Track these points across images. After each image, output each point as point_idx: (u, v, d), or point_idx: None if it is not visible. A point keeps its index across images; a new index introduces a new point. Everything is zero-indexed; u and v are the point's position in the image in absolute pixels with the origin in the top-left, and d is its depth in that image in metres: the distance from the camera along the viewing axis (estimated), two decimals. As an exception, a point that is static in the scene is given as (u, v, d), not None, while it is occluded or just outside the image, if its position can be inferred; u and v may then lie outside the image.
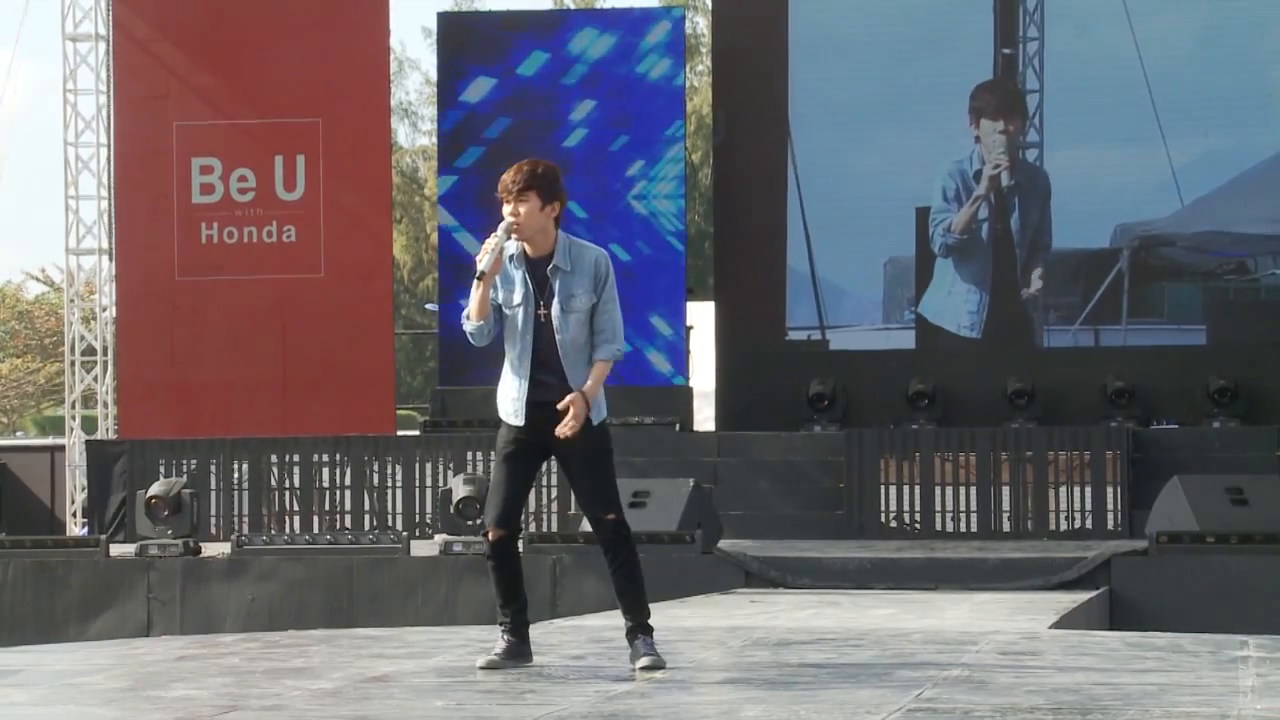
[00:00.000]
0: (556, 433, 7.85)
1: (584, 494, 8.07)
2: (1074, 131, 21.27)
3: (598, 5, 41.61)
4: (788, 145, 21.45)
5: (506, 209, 7.92)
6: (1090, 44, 21.23)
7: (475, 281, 7.90)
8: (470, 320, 7.93)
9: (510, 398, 7.98)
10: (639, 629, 8.06)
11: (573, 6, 43.52)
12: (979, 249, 21.30)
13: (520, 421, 7.95)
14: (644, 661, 7.97)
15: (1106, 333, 21.10)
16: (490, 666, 8.04)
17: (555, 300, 7.91)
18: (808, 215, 21.42)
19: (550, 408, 7.90)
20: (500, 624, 8.15)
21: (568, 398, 7.86)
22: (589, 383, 7.91)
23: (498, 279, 7.93)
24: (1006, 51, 21.39)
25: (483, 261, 7.83)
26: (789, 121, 21.46)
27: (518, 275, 7.95)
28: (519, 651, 8.11)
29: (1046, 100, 21.29)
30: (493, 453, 17.88)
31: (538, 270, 7.94)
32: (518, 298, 7.92)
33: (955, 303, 21.25)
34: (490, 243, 7.87)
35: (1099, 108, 21.10)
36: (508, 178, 7.95)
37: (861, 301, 21.58)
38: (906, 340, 21.31)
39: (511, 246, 7.96)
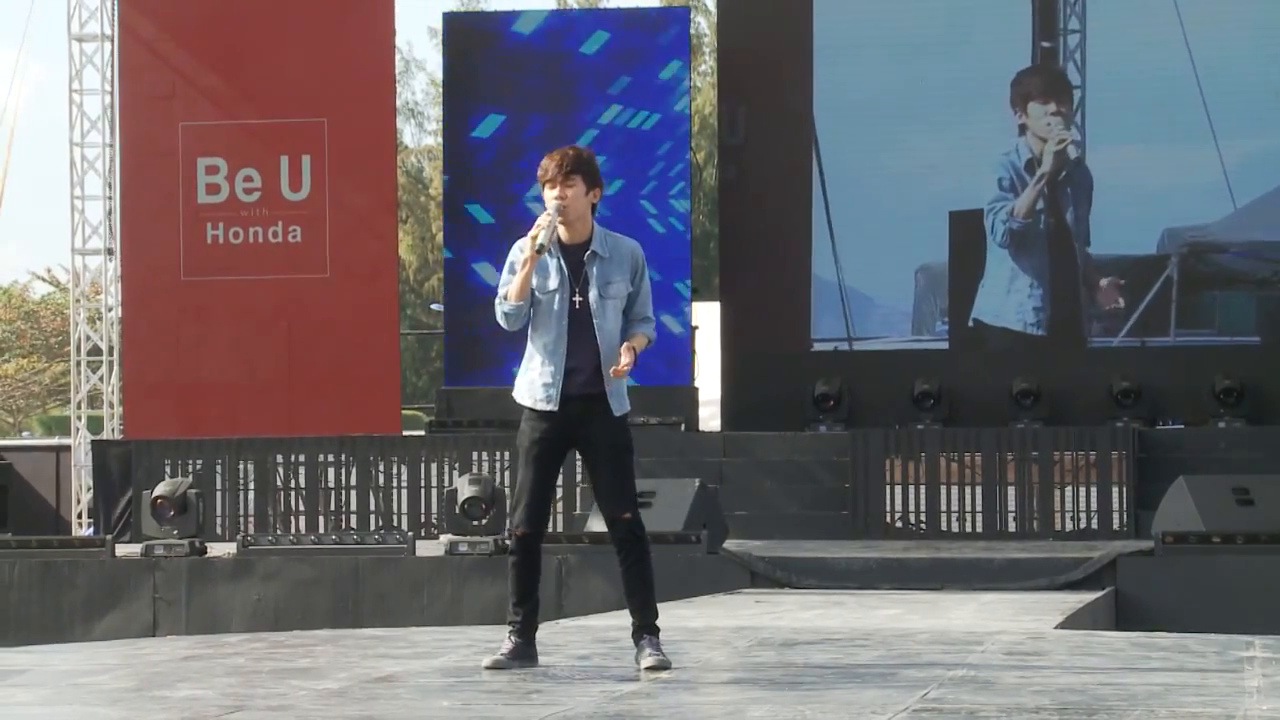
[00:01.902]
0: (610, 371, 7.83)
1: (603, 490, 8.05)
2: (1118, 129, 20.61)
3: (601, 5, 41.60)
4: (813, 146, 21.08)
5: (551, 192, 7.89)
6: (1136, 36, 20.47)
7: (517, 262, 7.87)
8: (508, 300, 7.89)
9: (542, 384, 7.93)
10: (646, 629, 8.05)
11: (575, 6, 43.51)
12: (1038, 242, 20.69)
13: (553, 407, 7.90)
14: (649, 661, 7.96)
15: (1153, 344, 20.49)
16: (496, 667, 8.04)
17: (593, 287, 7.90)
18: (832, 219, 21.03)
19: (578, 401, 7.90)
20: (509, 623, 8.14)
21: (624, 347, 7.83)
22: (636, 341, 7.90)
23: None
24: (1046, 44, 20.77)
25: (540, 235, 7.78)
26: (814, 122, 21.12)
27: (552, 262, 7.93)
28: (525, 653, 8.11)
29: (1089, 96, 20.64)
30: (507, 452, 17.64)
31: (572, 256, 7.93)
32: (553, 283, 7.90)
33: (1018, 300, 20.72)
34: (544, 220, 7.84)
35: (1145, 104, 20.40)
36: (551, 162, 7.92)
37: (890, 312, 21.09)
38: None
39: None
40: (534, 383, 7.96)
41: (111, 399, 22.50)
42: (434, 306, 42.71)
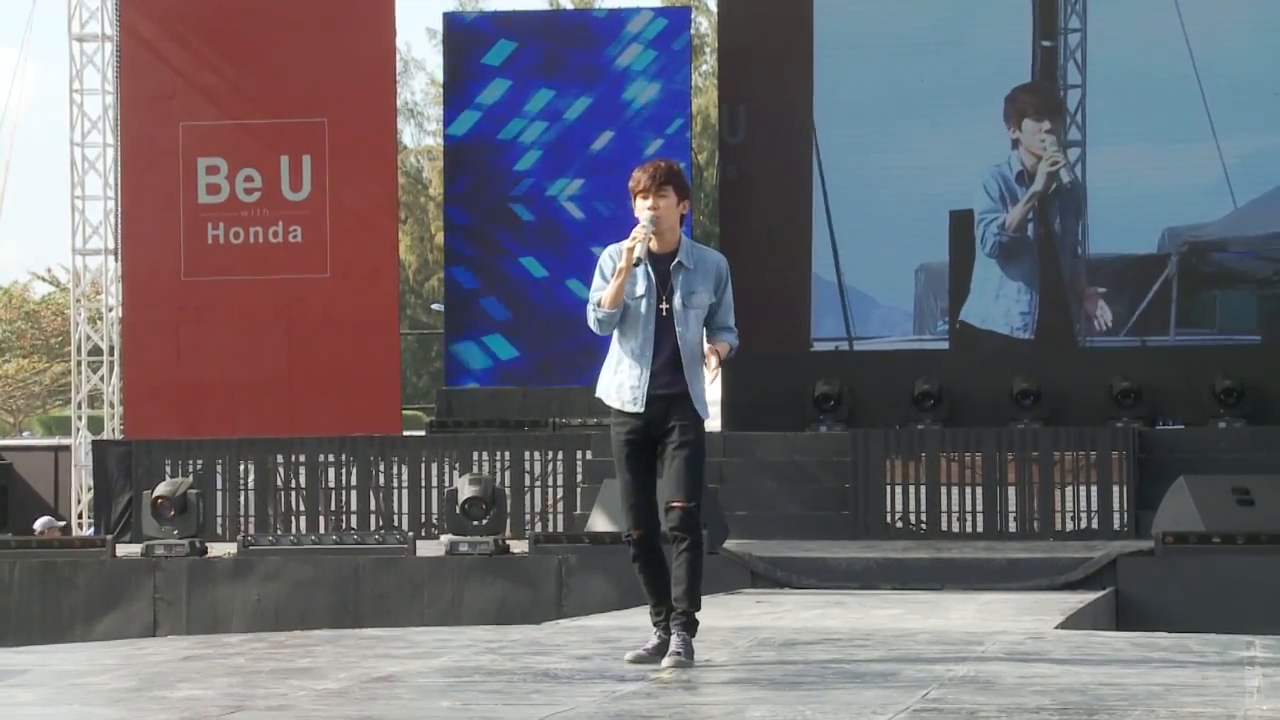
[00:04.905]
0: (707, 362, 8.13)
1: (667, 477, 8.24)
2: (1118, 129, 20.52)
3: (596, 5, 41.58)
4: (812, 145, 21.06)
5: (644, 203, 8.13)
6: (1136, 35, 20.40)
7: (608, 269, 8.09)
8: (603, 307, 8.12)
9: (629, 386, 8.18)
10: (684, 623, 8.13)
11: (570, 6, 43.50)
12: (1025, 249, 20.69)
13: (640, 408, 8.14)
14: (669, 661, 8.06)
15: (1153, 343, 20.45)
16: (639, 660, 8.19)
17: (677, 295, 8.15)
18: (832, 219, 20.98)
19: (664, 400, 8.13)
20: (653, 621, 8.31)
21: (709, 349, 8.16)
22: (719, 346, 8.18)
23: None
24: (1046, 44, 20.72)
25: (637, 249, 8.03)
26: (814, 121, 21.06)
27: (640, 270, 8.16)
28: (668, 647, 8.23)
29: (1089, 96, 20.58)
30: (507, 452, 17.62)
31: (660, 265, 8.17)
32: (640, 290, 8.14)
33: (1006, 305, 20.70)
34: (640, 233, 8.08)
35: (1145, 103, 20.33)
36: (644, 174, 8.17)
37: (891, 312, 21.06)
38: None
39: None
40: (621, 385, 8.22)
41: (112, 399, 22.50)
42: (434, 306, 42.73)
